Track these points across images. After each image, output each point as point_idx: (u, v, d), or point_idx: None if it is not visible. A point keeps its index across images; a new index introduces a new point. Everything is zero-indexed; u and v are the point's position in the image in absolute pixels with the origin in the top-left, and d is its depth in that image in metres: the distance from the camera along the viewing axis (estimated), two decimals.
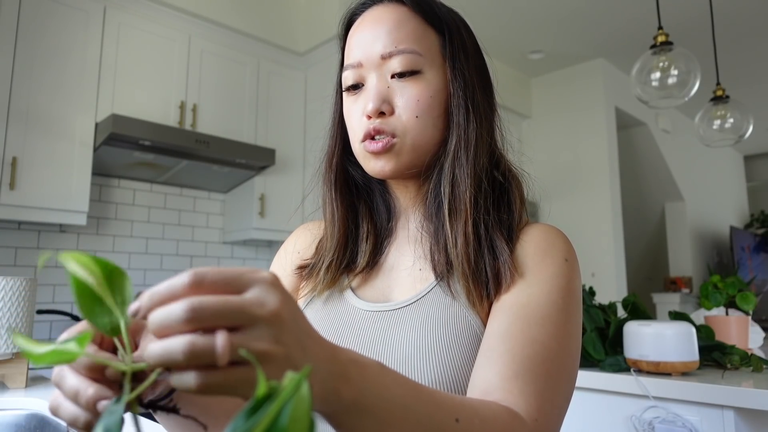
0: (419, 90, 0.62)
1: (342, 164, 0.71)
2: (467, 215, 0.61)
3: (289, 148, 3.03)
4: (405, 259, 0.68)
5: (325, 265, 0.68)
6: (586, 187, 4.03)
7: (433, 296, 0.62)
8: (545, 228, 0.64)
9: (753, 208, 6.84)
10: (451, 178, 0.63)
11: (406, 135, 0.62)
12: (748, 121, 2.52)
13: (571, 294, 0.59)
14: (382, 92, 0.63)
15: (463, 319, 0.59)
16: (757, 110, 4.63)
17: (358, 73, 0.65)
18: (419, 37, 0.64)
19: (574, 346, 0.57)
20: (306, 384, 0.26)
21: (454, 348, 0.57)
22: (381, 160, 0.63)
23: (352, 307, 0.66)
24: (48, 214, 2.22)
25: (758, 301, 1.65)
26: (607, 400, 1.33)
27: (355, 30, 0.66)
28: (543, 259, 0.60)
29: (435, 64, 0.64)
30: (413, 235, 0.69)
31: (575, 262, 0.62)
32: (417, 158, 0.64)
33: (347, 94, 0.67)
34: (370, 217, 0.71)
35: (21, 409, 0.96)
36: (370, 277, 0.69)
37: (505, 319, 0.56)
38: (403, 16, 0.64)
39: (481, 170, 0.63)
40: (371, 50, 0.63)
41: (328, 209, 0.71)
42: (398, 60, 0.62)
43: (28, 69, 2.21)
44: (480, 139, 0.64)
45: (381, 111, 0.62)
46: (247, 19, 2.94)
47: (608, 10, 3.42)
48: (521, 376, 0.51)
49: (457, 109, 0.64)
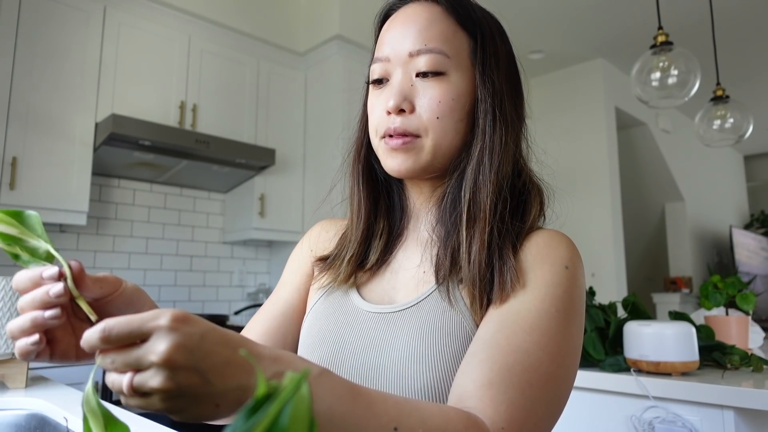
0: (442, 91, 0.62)
1: (368, 157, 0.71)
2: (485, 222, 0.60)
3: (289, 148, 3.03)
4: (411, 261, 0.68)
5: (348, 256, 0.69)
6: (586, 187, 4.03)
7: (433, 300, 0.62)
8: (549, 234, 0.63)
9: (753, 208, 6.85)
10: (473, 183, 0.62)
11: (426, 135, 0.62)
12: (748, 121, 2.52)
13: (569, 302, 0.57)
14: (404, 90, 0.62)
15: (460, 325, 0.59)
16: (757, 110, 4.63)
17: (384, 68, 0.65)
18: (449, 38, 0.63)
19: (570, 356, 0.55)
20: (306, 384, 0.26)
21: (448, 354, 0.57)
22: (399, 158, 0.63)
23: (355, 307, 0.67)
24: (48, 214, 2.22)
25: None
26: (607, 400, 1.33)
27: (388, 26, 0.66)
28: (542, 266, 0.59)
29: (462, 67, 0.63)
30: (423, 237, 0.68)
31: (578, 270, 0.60)
32: (436, 160, 0.63)
33: (373, 87, 0.67)
34: (387, 214, 0.71)
35: (21, 409, 0.96)
36: (376, 276, 0.69)
37: (492, 326, 0.55)
38: (436, 15, 0.64)
39: (503, 178, 0.62)
40: (400, 46, 0.63)
41: (355, 201, 0.71)
42: (424, 59, 0.62)
43: (28, 69, 2.21)
44: (505, 147, 0.63)
45: (401, 108, 0.62)
46: (247, 19, 2.94)
47: (608, 10, 3.42)
48: (495, 385, 0.50)
49: (483, 115, 0.63)
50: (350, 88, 2.95)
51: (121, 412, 0.83)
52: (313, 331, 0.68)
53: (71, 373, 1.96)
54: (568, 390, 0.55)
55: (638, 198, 5.12)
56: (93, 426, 0.40)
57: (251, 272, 3.20)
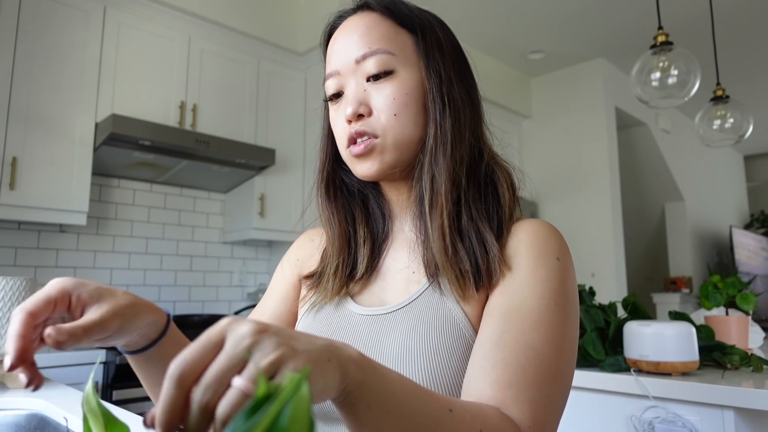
0: (394, 89, 0.63)
1: (334, 173, 0.72)
2: (442, 209, 0.61)
3: (289, 148, 3.03)
4: (399, 262, 0.69)
5: (332, 270, 0.70)
6: (586, 187, 4.03)
7: (425, 298, 0.63)
8: (537, 225, 0.63)
9: (753, 208, 6.85)
10: (430, 174, 0.63)
11: (387, 134, 0.63)
12: (748, 121, 2.52)
13: (565, 294, 0.58)
14: (358, 96, 0.64)
15: (452, 320, 0.60)
16: (757, 110, 4.63)
17: (337, 82, 0.66)
18: (391, 38, 0.65)
19: (570, 348, 0.57)
20: (306, 384, 0.26)
21: (443, 350, 0.58)
22: (366, 162, 0.64)
23: (348, 312, 0.67)
24: (48, 214, 2.22)
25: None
26: (607, 400, 1.33)
27: (332, 42, 0.68)
28: (535, 259, 0.60)
29: (409, 63, 0.65)
30: (408, 237, 0.69)
31: (568, 260, 0.62)
32: (400, 156, 0.64)
33: (331, 103, 0.69)
34: (366, 222, 0.72)
35: (21, 409, 0.96)
36: (369, 282, 0.70)
37: (497, 326, 0.56)
38: (374, 20, 0.66)
39: (458, 164, 0.63)
40: (346, 56, 0.65)
41: (324, 217, 0.72)
42: (371, 62, 0.63)
43: (28, 69, 2.21)
44: (457, 134, 0.64)
45: (359, 113, 0.63)
46: (247, 19, 2.94)
47: (608, 10, 3.42)
48: (514, 385, 0.51)
49: (432, 104, 0.64)
50: None
51: (121, 412, 0.83)
52: None
53: (71, 373, 1.96)
54: (571, 380, 0.57)
55: (638, 198, 5.12)
56: (93, 426, 0.40)
57: (251, 272, 3.20)
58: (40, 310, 0.48)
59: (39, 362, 1.87)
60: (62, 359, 1.94)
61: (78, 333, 0.47)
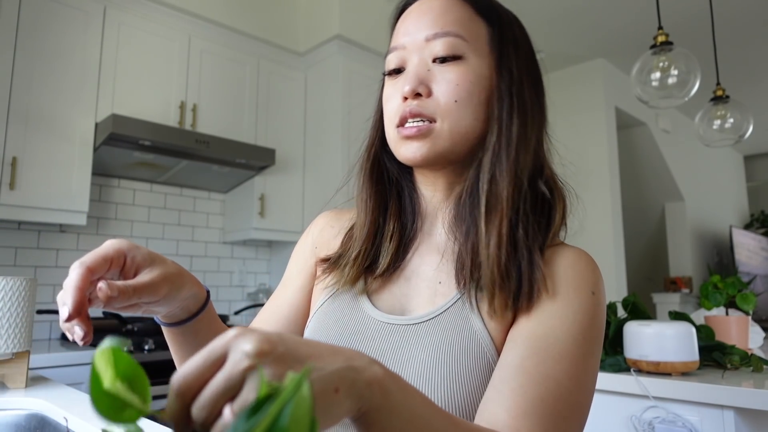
0: (460, 74, 0.59)
1: (379, 154, 0.68)
2: (503, 214, 0.57)
3: (289, 148, 3.03)
4: (426, 268, 0.64)
5: (353, 256, 0.66)
6: (586, 187, 4.03)
7: (451, 314, 0.59)
8: (577, 255, 0.61)
9: (753, 208, 6.85)
10: (491, 173, 0.59)
11: (444, 120, 0.59)
12: (748, 121, 2.52)
13: (593, 329, 0.56)
14: (420, 74, 0.60)
15: (476, 341, 0.57)
16: (757, 110, 4.63)
17: (400, 56, 0.63)
18: (466, 24, 0.61)
19: (590, 384, 0.55)
20: (306, 384, 0.26)
21: (465, 372, 0.55)
22: (414, 144, 0.60)
23: (366, 315, 0.63)
24: (48, 214, 2.22)
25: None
26: (607, 400, 1.33)
27: (404, 17, 0.65)
28: (572, 291, 0.57)
29: (480, 53, 0.61)
30: (438, 242, 0.65)
31: (601, 295, 0.59)
32: (453, 147, 0.60)
33: (388, 78, 0.65)
34: (398, 216, 0.68)
35: (21, 409, 0.96)
36: (389, 282, 0.66)
37: (520, 351, 0.54)
38: (452, 3, 0.62)
39: (522, 171, 0.59)
40: (416, 33, 0.62)
41: (361, 198, 0.68)
42: (441, 43, 0.60)
43: (28, 69, 2.21)
44: (523, 138, 0.60)
45: (418, 92, 0.59)
46: (247, 19, 2.94)
47: (608, 10, 3.42)
48: (530, 415, 0.50)
49: (500, 102, 0.60)
50: (350, 88, 2.96)
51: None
52: (318, 336, 0.65)
53: (71, 373, 1.96)
54: (587, 417, 0.56)
55: (638, 198, 5.12)
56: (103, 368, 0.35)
57: (251, 272, 3.20)
58: (98, 266, 0.49)
59: (37, 362, 1.87)
60: (62, 359, 1.94)
61: (128, 291, 0.48)
